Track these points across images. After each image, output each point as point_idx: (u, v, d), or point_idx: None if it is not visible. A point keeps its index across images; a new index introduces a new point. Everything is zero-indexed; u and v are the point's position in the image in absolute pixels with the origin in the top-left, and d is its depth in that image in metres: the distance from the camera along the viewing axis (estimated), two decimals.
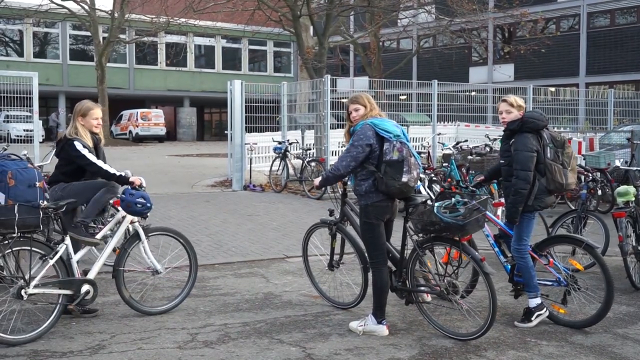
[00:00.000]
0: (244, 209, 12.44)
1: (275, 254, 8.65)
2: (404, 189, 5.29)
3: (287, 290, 6.98)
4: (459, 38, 25.98)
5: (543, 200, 5.66)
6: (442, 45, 34.29)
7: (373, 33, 28.42)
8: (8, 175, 5.23)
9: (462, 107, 17.50)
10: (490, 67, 36.06)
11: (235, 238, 9.67)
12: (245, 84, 15.57)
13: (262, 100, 15.84)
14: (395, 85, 17.86)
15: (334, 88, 15.10)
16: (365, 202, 5.42)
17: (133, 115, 38.49)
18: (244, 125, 15.41)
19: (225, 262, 8.22)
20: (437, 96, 16.26)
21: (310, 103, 16.93)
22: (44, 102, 36.97)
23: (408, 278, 5.55)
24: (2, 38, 39.95)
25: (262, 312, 6.14)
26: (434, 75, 19.32)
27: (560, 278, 5.76)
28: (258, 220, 11.22)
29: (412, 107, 18.97)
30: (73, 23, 38.41)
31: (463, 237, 5.22)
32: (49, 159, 9.03)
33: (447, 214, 5.17)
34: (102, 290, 6.76)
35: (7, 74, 14.01)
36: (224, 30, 40.47)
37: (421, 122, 17.69)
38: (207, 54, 45.39)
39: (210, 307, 6.28)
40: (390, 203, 5.42)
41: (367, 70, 32.45)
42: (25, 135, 14.35)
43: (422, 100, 17.40)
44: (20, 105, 12.84)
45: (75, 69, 39.99)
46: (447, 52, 30.61)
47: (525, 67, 33.81)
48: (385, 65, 31.91)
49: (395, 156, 5.23)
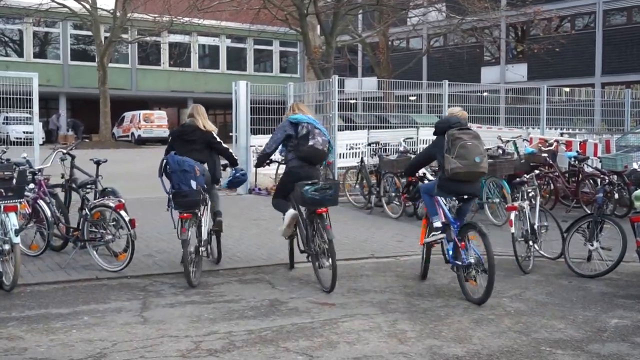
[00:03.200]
0: (249, 213, 12.44)
1: (281, 260, 8.63)
2: (312, 150, 7.58)
3: (293, 296, 6.96)
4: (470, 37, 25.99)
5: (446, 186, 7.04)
6: (453, 45, 34.24)
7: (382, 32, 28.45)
8: (196, 168, 7.37)
9: (473, 108, 17.44)
10: (503, 67, 36.00)
11: (240, 243, 9.67)
12: (250, 85, 15.58)
13: (268, 101, 15.85)
14: (404, 86, 17.85)
15: (341, 89, 15.11)
16: (288, 167, 7.83)
17: (135, 116, 38.56)
18: (249, 127, 15.42)
19: (229, 268, 8.21)
20: (448, 97, 16.23)
21: (317, 104, 16.92)
22: (44, 103, 37.12)
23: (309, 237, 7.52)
24: (2, 38, 40.16)
25: (268, 319, 6.14)
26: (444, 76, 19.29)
27: (467, 260, 6.77)
28: (263, 224, 11.21)
29: (422, 108, 18.94)
30: (74, 22, 38.59)
31: (320, 208, 7.24)
32: (49, 162, 9.02)
33: (309, 193, 7.14)
34: (103, 297, 6.78)
35: (7, 74, 14.08)
36: (229, 29, 40.56)
37: (432, 123, 17.61)
38: (212, 54, 45.49)
39: (214, 314, 6.27)
40: (305, 167, 7.62)
41: (376, 70, 32.47)
42: (25, 138, 14.37)
43: (432, 101, 17.37)
44: (20, 106, 12.88)
45: (76, 70, 40.14)
46: (458, 52, 30.59)
47: (539, 66, 33.72)
48: (395, 65, 31.91)
49: (304, 131, 7.64)
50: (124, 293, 6.99)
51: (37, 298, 6.76)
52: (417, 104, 19.23)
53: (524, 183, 8.58)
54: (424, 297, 6.99)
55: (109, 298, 6.77)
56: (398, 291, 7.21)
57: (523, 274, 7.99)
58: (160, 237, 9.89)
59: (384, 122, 17.03)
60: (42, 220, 8.32)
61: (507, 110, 18.85)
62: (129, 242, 7.66)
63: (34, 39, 40.21)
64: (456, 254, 6.95)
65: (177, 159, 7.45)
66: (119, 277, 7.59)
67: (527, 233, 8.19)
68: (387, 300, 6.82)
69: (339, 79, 14.85)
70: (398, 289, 7.32)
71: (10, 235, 6.90)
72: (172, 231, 10.21)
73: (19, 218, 7.43)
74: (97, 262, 7.89)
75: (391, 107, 19.63)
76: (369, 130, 15.80)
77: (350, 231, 10.71)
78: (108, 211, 7.86)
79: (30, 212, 8.40)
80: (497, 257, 9.01)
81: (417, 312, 6.38)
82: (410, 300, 6.86)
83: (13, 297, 6.79)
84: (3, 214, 7.00)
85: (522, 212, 8.25)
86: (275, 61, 46.76)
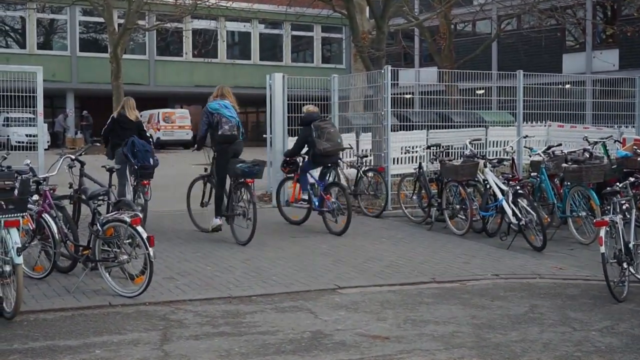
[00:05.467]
0: (287, 228, 12.48)
1: (324, 284, 8.64)
2: (225, 135, 11.11)
3: (339, 328, 6.96)
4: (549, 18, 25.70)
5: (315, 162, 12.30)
6: (528, 28, 33.91)
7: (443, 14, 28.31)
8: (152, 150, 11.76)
9: (554, 104, 17.22)
10: (589, 54, 35.51)
11: (276, 264, 9.71)
12: (287, 78, 15.63)
13: (308, 97, 15.88)
14: (470, 77, 17.71)
15: (395, 81, 15.04)
16: (216, 148, 11.40)
17: (154, 116, 39.06)
18: (286, 128, 15.47)
19: (264, 294, 8.24)
20: (522, 90, 16.06)
21: (367, 100, 16.90)
22: (49, 101, 37.80)
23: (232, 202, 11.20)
24: (1, 27, 41.07)
25: (310, 354, 6.14)
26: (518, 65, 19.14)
27: (332, 206, 11.85)
28: (303, 242, 11.25)
29: (491, 103, 18.76)
30: (83, 8, 39.28)
31: (248, 179, 10.90)
32: (55, 170, 9.19)
33: (242, 168, 10.85)
34: (117, 327, 6.87)
35: (7, 68, 14.36)
36: (262, 13, 40.90)
37: (503, 122, 17.49)
38: (242, 42, 45.89)
39: (246, 348, 6.31)
40: (227, 147, 11.19)
41: (436, 59, 32.35)
42: (27, 142, 14.68)
43: (504, 95, 17.21)
44: (22, 105, 13.09)
45: (85, 62, 40.81)
46: (535, 36, 30.24)
47: (633, 53, 33.17)
48: (458, 53, 31.77)
49: (215, 120, 11.17)
50: (141, 322, 7.06)
51: (42, 327, 6.86)
52: (486, 99, 19.08)
53: (616, 193, 8.46)
54: (496, 329, 6.92)
55: (125, 328, 6.85)
56: (464, 322, 7.16)
57: (616, 303, 7.87)
58: (183, 257, 9.99)
59: (446, 121, 16.93)
60: (48, 237, 8.42)
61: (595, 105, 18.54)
62: (146, 262, 7.73)
63: (38, 28, 40.97)
64: (322, 204, 11.99)
65: (142, 142, 11.47)
66: (136, 303, 7.67)
67: (620, 253, 8.07)
68: (452, 333, 6.78)
69: (393, 70, 14.81)
70: (464, 319, 7.26)
71: (12, 255, 6.99)
72: (196, 250, 10.37)
73: (21, 235, 7.51)
74: (110, 286, 7.99)
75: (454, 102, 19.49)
76: (429, 131, 15.71)
77: (407, 250, 10.66)
78: (123, 227, 7.96)
79: (33, 228, 8.52)
80: (583, 282, 8.93)
81: (488, 348, 6.32)
82: (479, 333, 6.80)
83: (15, 326, 6.90)
84: (3, 230, 7.11)
85: (614, 228, 8.13)
86: (317, 50, 46.93)
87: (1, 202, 7.09)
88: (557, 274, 9.41)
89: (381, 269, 9.36)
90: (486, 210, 11.62)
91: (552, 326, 7.02)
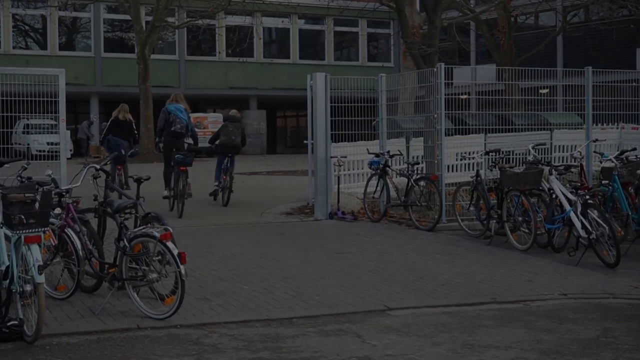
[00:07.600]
0: (331, 243, 12.48)
1: (372, 305, 8.61)
2: (175, 132, 15.66)
3: (389, 353, 6.94)
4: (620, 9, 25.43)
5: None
6: (597, 20, 33.60)
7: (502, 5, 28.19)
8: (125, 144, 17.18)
9: (627, 103, 17.02)
10: None
11: (319, 283, 9.71)
12: (330, 78, 15.67)
13: (353, 98, 15.90)
14: (532, 75, 17.57)
15: (449, 80, 14.99)
16: (165, 139, 15.84)
17: None
18: (329, 133, 15.49)
19: (306, 316, 8.25)
20: (592, 89, 15.90)
21: (418, 101, 16.87)
22: (71, 106, 38.32)
23: None
24: (21, 26, 41.75)
25: None
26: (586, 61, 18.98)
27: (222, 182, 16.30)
28: (349, 259, 11.23)
29: (556, 104, 18.59)
30: (108, 5, 39.87)
31: (181, 166, 14.69)
32: (78, 181, 9.28)
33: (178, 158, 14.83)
34: (146, 352, 6.92)
35: (27, 71, 14.53)
36: (302, 7, 41.06)
37: (570, 124, 17.31)
38: (280, 40, 46.15)
39: None
40: (174, 140, 15.74)
41: (495, 55, 32.19)
42: (49, 150, 14.91)
43: (570, 94, 17.05)
44: (43, 111, 13.22)
45: (111, 64, 41.32)
46: (605, 29, 29.97)
47: None
48: (519, 48, 31.59)
49: (171, 119, 15.65)
50: (172, 347, 7.09)
51: (65, 352, 6.93)
52: (551, 99, 18.93)
53: None
54: (565, 355, 6.84)
55: (154, 353, 6.89)
56: (529, 347, 7.09)
57: None
58: (217, 275, 10.05)
59: (506, 124, 16.81)
60: (71, 254, 8.51)
61: None
62: (177, 281, 7.77)
63: (60, 27, 41.58)
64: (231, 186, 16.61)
65: (115, 138, 16.88)
66: (166, 326, 7.71)
67: None
68: None
69: (446, 68, 14.76)
70: (529, 344, 7.19)
71: (33, 273, 7.04)
72: (232, 268, 10.42)
73: (42, 251, 7.57)
74: (138, 307, 8.05)
75: (515, 103, 19.36)
76: (487, 135, 15.62)
77: (464, 267, 10.60)
78: (152, 242, 8.00)
79: (56, 244, 8.63)
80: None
81: None
82: (545, 359, 6.73)
83: (36, 350, 6.97)
84: (24, 247, 7.17)
85: None
86: (362, 47, 46.99)
87: (21, 216, 7.16)
88: (633, 294, 9.27)
89: (435, 288, 9.32)
90: (552, 223, 11.49)
91: (627, 352, 6.91)
